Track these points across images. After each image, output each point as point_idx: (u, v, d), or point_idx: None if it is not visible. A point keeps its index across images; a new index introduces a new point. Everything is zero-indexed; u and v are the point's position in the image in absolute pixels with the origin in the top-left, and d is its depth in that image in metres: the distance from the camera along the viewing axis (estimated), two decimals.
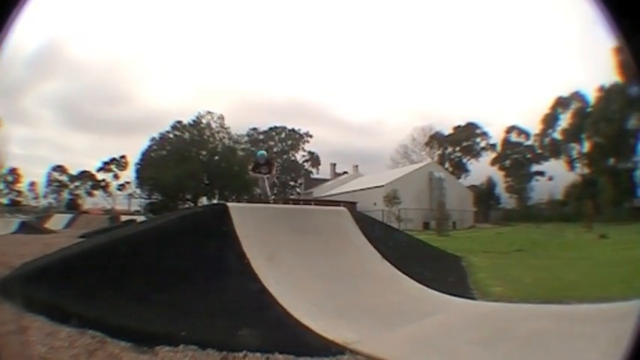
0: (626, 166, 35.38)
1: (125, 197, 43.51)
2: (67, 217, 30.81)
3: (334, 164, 45.03)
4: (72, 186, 45.22)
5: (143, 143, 42.05)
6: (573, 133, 37.84)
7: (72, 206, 41.77)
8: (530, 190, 39.70)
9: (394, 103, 57.03)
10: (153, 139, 40.72)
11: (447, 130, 43.29)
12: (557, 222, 28.83)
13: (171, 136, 40.81)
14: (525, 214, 35.01)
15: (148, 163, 39.69)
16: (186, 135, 40.79)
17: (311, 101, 62.84)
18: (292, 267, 6.04)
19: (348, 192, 33.59)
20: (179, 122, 40.91)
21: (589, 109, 36.92)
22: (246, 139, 43.27)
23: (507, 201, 40.82)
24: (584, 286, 7.64)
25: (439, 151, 43.01)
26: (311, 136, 45.44)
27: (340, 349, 4.10)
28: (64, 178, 45.03)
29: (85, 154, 60.94)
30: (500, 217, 35.55)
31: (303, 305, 5.03)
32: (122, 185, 44.24)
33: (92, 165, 45.52)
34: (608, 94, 34.65)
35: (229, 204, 7.64)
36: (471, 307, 6.02)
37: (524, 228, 26.83)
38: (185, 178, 36.89)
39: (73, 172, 44.91)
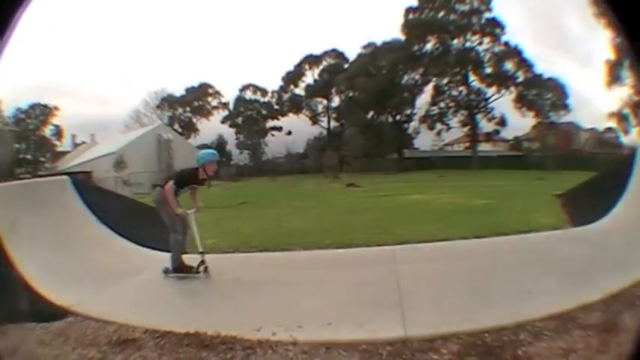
0: (395, 119, 39.27)
1: None
2: None
3: (74, 135, 40.97)
4: None
5: None
6: (320, 89, 40.46)
7: None
8: (264, 145, 41.55)
9: (129, 70, 53.75)
10: None
11: (180, 92, 42.61)
12: (296, 175, 31.93)
13: None
14: (260, 169, 37.49)
15: None
16: None
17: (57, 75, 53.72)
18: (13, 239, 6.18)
19: (84, 162, 31.49)
20: None
21: (346, 66, 39.87)
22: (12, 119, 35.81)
23: (239, 158, 42.03)
24: (311, 232, 8.48)
25: (169, 113, 42.75)
26: (58, 109, 39.65)
27: (65, 313, 4.71)
28: None
29: None
30: (233, 173, 36.75)
31: (28, 274, 5.24)
32: None
33: None
34: (376, 50, 38.46)
35: None
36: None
37: (256, 182, 29.84)
38: None
39: None
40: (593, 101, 42.07)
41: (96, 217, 8.07)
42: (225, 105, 42.79)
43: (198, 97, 42.43)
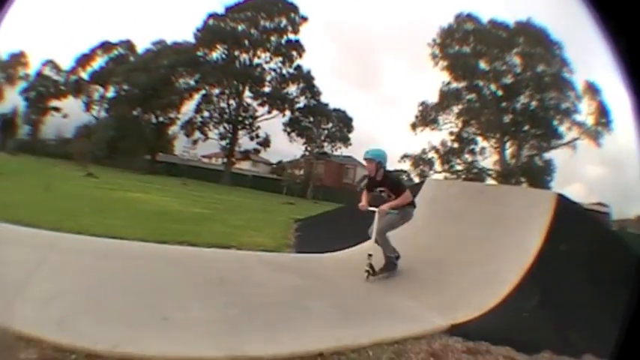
0: (158, 120, 40.28)
1: None
2: None
3: None
4: None
5: None
6: (101, 77, 40.86)
7: None
8: (42, 124, 41.53)
9: None
10: None
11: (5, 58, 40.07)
12: (60, 159, 31.06)
13: None
14: (34, 148, 36.62)
15: None
16: None
17: None
18: None
19: None
20: None
21: (133, 59, 40.66)
22: None
23: (22, 133, 41.19)
24: (17, 207, 8.06)
25: None
26: None
27: None
28: None
29: None
30: (15, 147, 35.43)
31: None
32: None
33: None
34: (163, 49, 39.57)
35: None
36: None
37: (26, 159, 28.75)
38: None
39: None
40: (390, 142, 45.39)
41: None
42: (27, 76, 41.79)
43: (14, 65, 40.91)
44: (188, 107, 40.45)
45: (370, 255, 5.97)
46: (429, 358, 3.63)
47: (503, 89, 35.72)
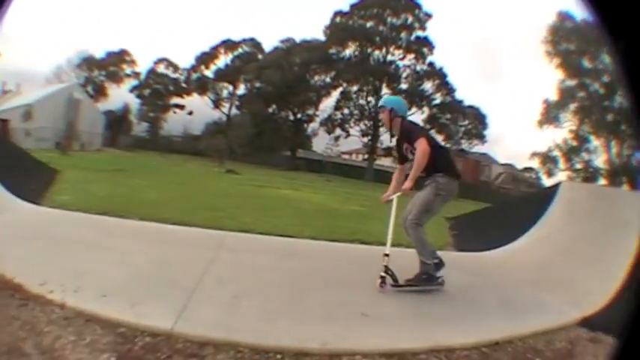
0: (295, 117, 39.92)
1: None
2: None
3: (4, 82, 38.95)
4: None
5: None
6: (229, 75, 40.83)
7: None
8: (163, 121, 42.29)
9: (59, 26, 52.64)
10: None
11: (101, 55, 42.01)
12: (189, 155, 31.56)
13: None
14: (155, 144, 37.53)
15: None
16: None
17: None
18: None
19: (4, 110, 30.93)
20: None
21: (260, 56, 40.48)
22: None
23: (138, 129, 42.51)
24: (159, 205, 8.18)
25: (86, 74, 42.04)
26: None
27: None
28: None
29: None
30: (130, 143, 37.14)
31: None
32: None
33: None
34: (293, 46, 39.21)
35: None
36: (28, 211, 6.58)
37: (147, 155, 29.67)
38: None
39: None
40: (518, 138, 46.37)
41: None
42: (137, 74, 42.76)
43: (115, 63, 41.93)
44: (326, 104, 40.10)
45: (386, 255, 4.56)
46: (568, 346, 3.91)
47: (604, 87, 33.17)
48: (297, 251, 5.96)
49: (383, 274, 4.50)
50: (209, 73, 42.17)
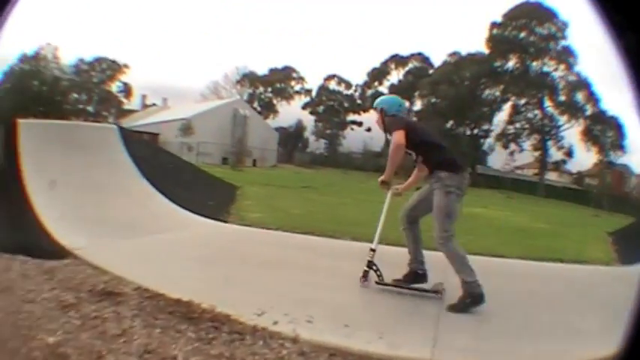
0: (472, 132, 39.86)
1: None
2: None
3: (144, 95, 43.71)
4: None
5: None
6: (403, 91, 38.96)
7: None
8: (342, 137, 42.52)
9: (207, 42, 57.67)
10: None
11: (263, 72, 44.61)
12: (370, 172, 31.16)
13: (16, 68, 35.46)
14: (334, 161, 37.93)
15: None
16: (26, 66, 35.85)
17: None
18: (54, 177, 6.12)
19: (153, 123, 32.78)
20: (24, 54, 35.66)
21: (431, 71, 40.40)
22: (73, 69, 38.98)
23: (316, 146, 43.31)
24: (360, 223, 7.88)
25: (250, 90, 44.20)
26: (128, 68, 42.30)
27: (65, 254, 4.49)
28: None
29: None
30: (307, 160, 37.77)
31: (53, 214, 5.23)
32: None
33: None
34: (461, 60, 39.02)
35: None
36: (212, 228, 6.69)
37: (328, 172, 30.09)
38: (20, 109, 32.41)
39: None
40: None
41: (139, 171, 7.75)
42: (308, 92, 43.99)
43: (281, 80, 43.62)
44: (498, 118, 39.86)
45: (373, 250, 4.44)
46: None
47: None
48: (521, 272, 5.88)
49: (366, 268, 4.42)
50: (383, 88, 41.72)
